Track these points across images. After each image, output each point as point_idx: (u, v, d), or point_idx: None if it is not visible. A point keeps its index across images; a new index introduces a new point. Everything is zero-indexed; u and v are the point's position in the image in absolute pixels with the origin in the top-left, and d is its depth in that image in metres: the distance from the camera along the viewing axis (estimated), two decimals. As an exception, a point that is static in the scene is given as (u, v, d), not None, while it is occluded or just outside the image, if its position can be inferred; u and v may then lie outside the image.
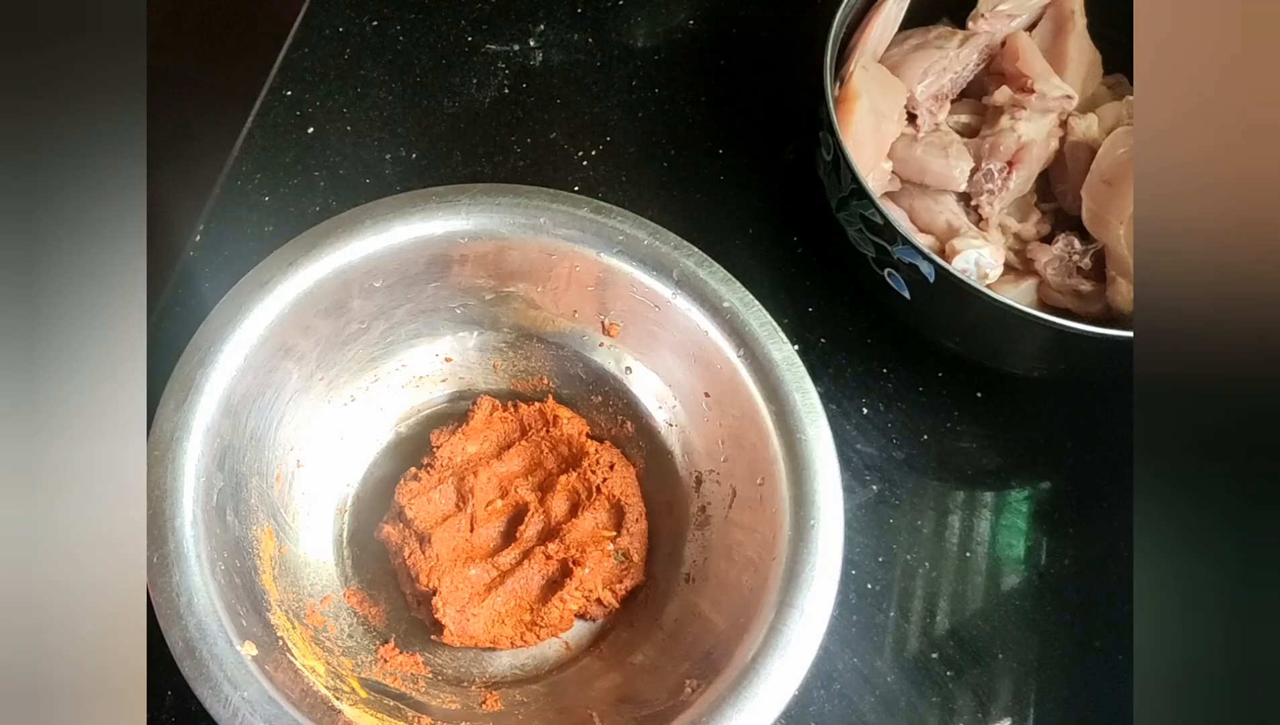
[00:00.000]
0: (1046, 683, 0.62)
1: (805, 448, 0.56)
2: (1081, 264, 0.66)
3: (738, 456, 0.59)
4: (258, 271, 0.57)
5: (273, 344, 0.57)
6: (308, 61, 0.80)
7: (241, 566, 0.54)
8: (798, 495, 0.55)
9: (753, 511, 0.57)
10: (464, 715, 0.56)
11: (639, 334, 0.63)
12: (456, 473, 0.61)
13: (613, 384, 0.64)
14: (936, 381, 0.70)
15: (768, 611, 0.52)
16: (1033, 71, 0.69)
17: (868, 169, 0.66)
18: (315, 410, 0.62)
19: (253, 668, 0.49)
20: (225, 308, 0.56)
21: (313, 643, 0.55)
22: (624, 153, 0.77)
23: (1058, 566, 0.66)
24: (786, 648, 0.51)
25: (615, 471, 0.62)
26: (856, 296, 0.71)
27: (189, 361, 0.54)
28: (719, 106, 0.79)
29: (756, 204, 0.76)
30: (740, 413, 0.59)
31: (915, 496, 0.67)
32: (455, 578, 0.58)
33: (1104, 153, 0.66)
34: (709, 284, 0.59)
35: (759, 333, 0.58)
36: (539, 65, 0.80)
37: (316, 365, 0.61)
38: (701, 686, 0.52)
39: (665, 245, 0.60)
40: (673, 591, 0.60)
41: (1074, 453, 0.69)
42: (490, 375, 0.66)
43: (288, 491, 0.60)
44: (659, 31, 0.83)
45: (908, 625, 0.63)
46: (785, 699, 0.50)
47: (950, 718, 0.61)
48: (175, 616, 0.49)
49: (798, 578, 0.53)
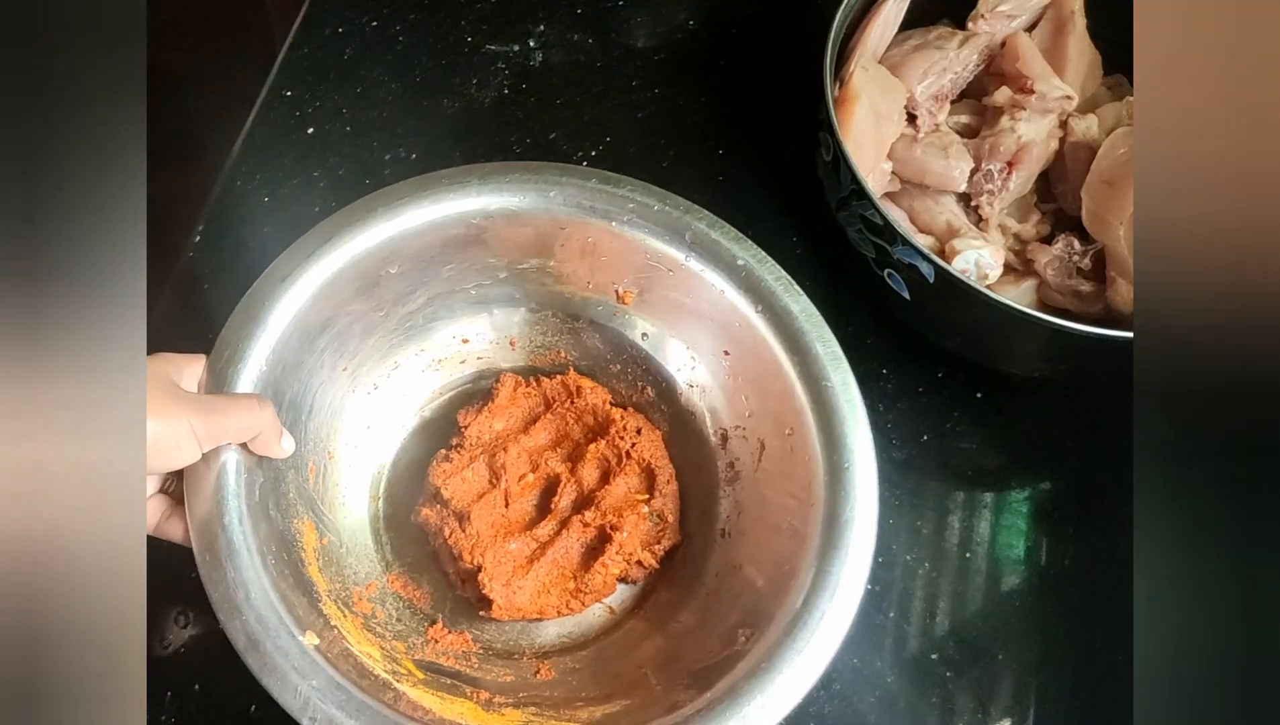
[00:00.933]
0: (1046, 683, 0.62)
1: (832, 394, 0.56)
2: (1081, 264, 0.66)
3: (762, 410, 0.60)
4: (278, 264, 0.57)
5: (297, 338, 0.57)
6: (308, 61, 0.80)
7: (289, 559, 0.54)
8: (829, 442, 0.55)
9: (784, 462, 0.58)
10: (520, 686, 0.57)
11: (654, 300, 0.63)
12: (487, 450, 0.62)
13: (631, 351, 0.65)
14: (936, 382, 0.70)
15: (812, 556, 0.53)
16: (1033, 72, 0.69)
17: (868, 169, 0.66)
18: (341, 401, 0.62)
19: (317, 657, 0.49)
20: (250, 302, 0.56)
21: (364, 630, 0.56)
22: (624, 153, 0.77)
23: (1058, 567, 0.66)
24: (835, 589, 0.52)
25: (642, 436, 0.63)
26: (856, 297, 0.71)
27: (219, 358, 0.54)
28: (719, 106, 0.79)
29: (756, 204, 0.76)
30: (762, 367, 0.59)
31: (915, 497, 0.67)
32: (497, 553, 0.59)
33: (1104, 153, 0.66)
34: (722, 243, 0.59)
35: (775, 287, 0.59)
36: (539, 65, 0.80)
37: (339, 355, 0.61)
38: (755, 635, 0.53)
39: (676, 210, 0.60)
40: (710, 548, 0.61)
41: (1074, 453, 0.69)
42: (509, 353, 0.67)
43: (322, 483, 0.60)
44: (659, 32, 0.83)
45: (908, 625, 0.63)
46: (839, 640, 0.51)
47: (950, 718, 0.61)
48: (234, 610, 0.49)
49: (838, 519, 0.53)
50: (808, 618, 0.51)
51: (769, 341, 0.59)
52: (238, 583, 0.49)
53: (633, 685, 0.56)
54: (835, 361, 0.57)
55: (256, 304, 0.56)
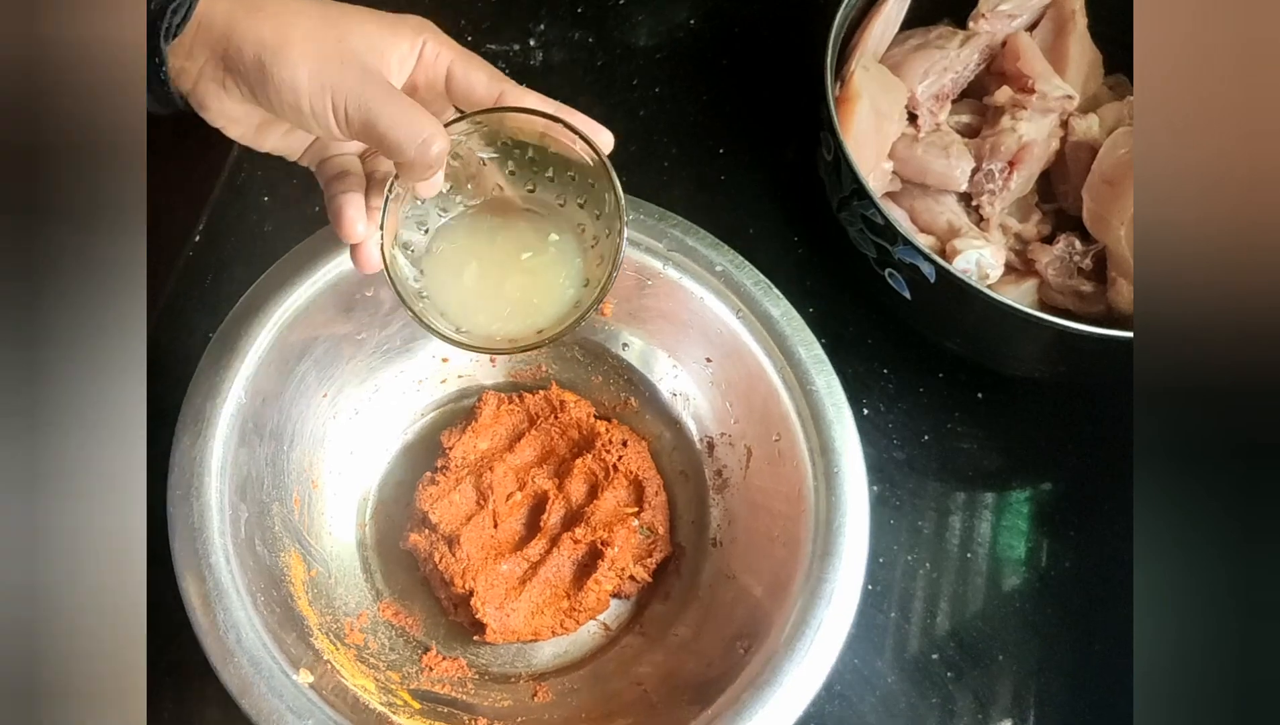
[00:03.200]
0: (1046, 684, 0.62)
1: (818, 399, 0.56)
2: (1082, 265, 0.66)
3: (748, 417, 0.60)
4: (250, 296, 0.56)
5: (275, 367, 0.56)
6: (308, 61, 0.79)
7: (279, 595, 0.54)
8: (817, 446, 0.55)
9: (772, 468, 0.58)
10: (518, 710, 0.56)
11: (633, 309, 0.63)
12: (473, 471, 0.61)
13: (612, 362, 0.65)
14: (937, 382, 0.70)
15: (806, 563, 0.53)
16: (1034, 72, 0.69)
17: (869, 169, 0.66)
18: (323, 427, 0.61)
19: (312, 695, 0.49)
20: (224, 336, 0.55)
21: (358, 662, 0.55)
22: (624, 152, 0.77)
23: (1058, 568, 0.65)
24: (831, 597, 0.51)
25: (629, 448, 0.63)
26: (857, 297, 0.71)
27: (196, 394, 0.53)
28: (720, 106, 0.79)
29: (757, 204, 0.76)
30: (745, 373, 0.59)
31: (916, 497, 0.67)
32: (489, 576, 0.58)
33: (1105, 153, 0.66)
34: (698, 250, 0.59)
35: (754, 291, 0.58)
36: (539, 65, 0.80)
37: (319, 381, 0.60)
38: (754, 646, 0.52)
39: (650, 217, 0.60)
40: (702, 558, 0.61)
41: (1075, 454, 0.69)
42: (488, 370, 0.66)
43: (308, 513, 0.59)
44: (660, 31, 0.83)
45: (908, 626, 0.63)
46: (838, 648, 0.51)
47: (950, 719, 0.61)
48: (227, 654, 0.48)
49: (831, 525, 0.53)
50: (805, 627, 0.51)
51: (751, 347, 0.58)
52: (228, 625, 0.49)
53: (632, 703, 0.55)
54: (819, 365, 0.57)
55: (232, 335, 0.55)
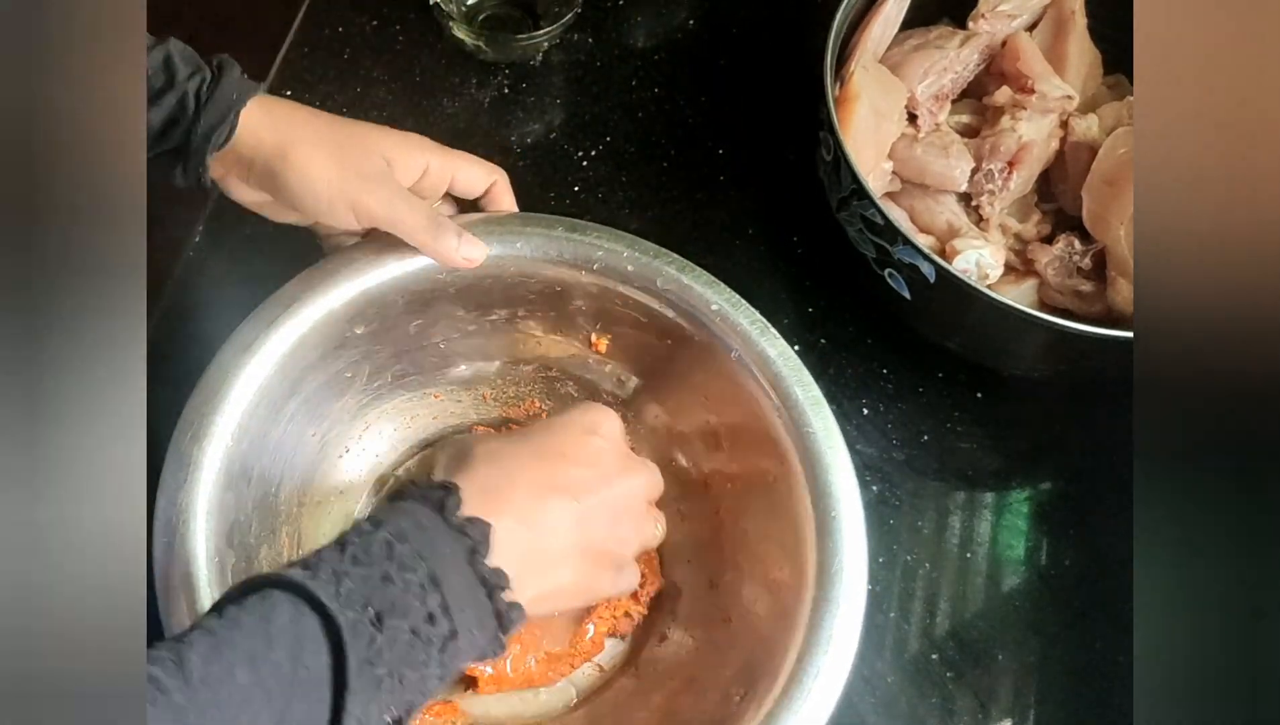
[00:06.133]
0: (1047, 684, 0.62)
1: (815, 442, 0.55)
2: (1082, 264, 0.66)
3: (745, 458, 0.59)
4: (239, 334, 0.55)
5: (264, 408, 0.55)
6: (308, 61, 0.80)
7: None
8: (815, 489, 0.54)
9: (769, 510, 0.57)
10: None
11: (627, 346, 0.62)
12: None
13: (605, 399, 0.64)
14: (937, 382, 0.70)
15: (804, 609, 0.52)
16: (1033, 72, 0.69)
17: (868, 169, 0.66)
18: (313, 468, 0.60)
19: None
20: (211, 375, 0.54)
21: None
22: (624, 153, 0.77)
23: (1058, 567, 0.65)
24: (829, 644, 0.51)
25: None
26: (857, 297, 0.71)
27: (183, 436, 0.52)
28: (719, 106, 0.79)
29: (756, 204, 0.76)
30: (742, 413, 0.58)
31: (915, 497, 0.67)
32: None
33: (1104, 153, 0.66)
34: (694, 288, 0.58)
35: (751, 331, 0.57)
36: (539, 65, 0.80)
37: (308, 421, 0.59)
38: (748, 695, 0.51)
39: (645, 255, 0.59)
40: (698, 599, 0.60)
41: (1074, 453, 0.69)
42: (481, 406, 0.66)
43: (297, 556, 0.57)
44: (659, 31, 0.83)
45: (908, 626, 0.63)
46: (835, 697, 0.50)
47: (950, 719, 0.61)
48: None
49: (828, 571, 0.52)
50: (803, 675, 0.50)
51: (748, 387, 0.57)
52: None
53: None
54: (816, 406, 0.56)
55: (218, 377, 0.53)
